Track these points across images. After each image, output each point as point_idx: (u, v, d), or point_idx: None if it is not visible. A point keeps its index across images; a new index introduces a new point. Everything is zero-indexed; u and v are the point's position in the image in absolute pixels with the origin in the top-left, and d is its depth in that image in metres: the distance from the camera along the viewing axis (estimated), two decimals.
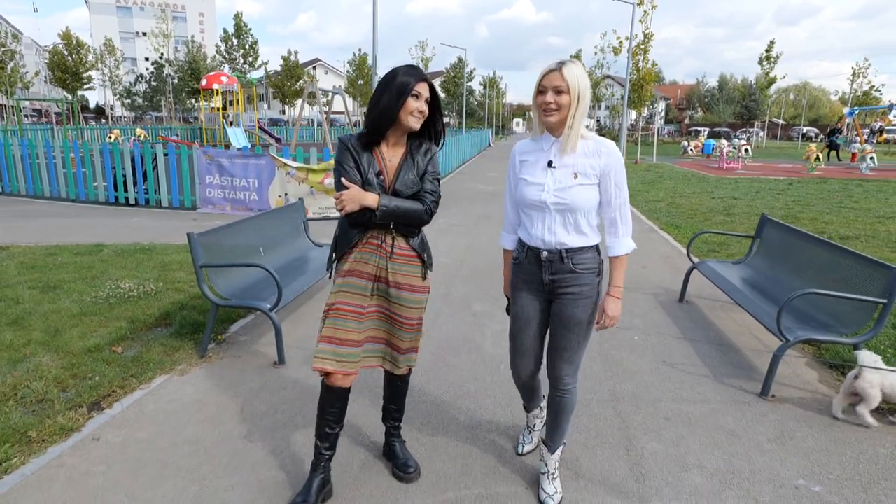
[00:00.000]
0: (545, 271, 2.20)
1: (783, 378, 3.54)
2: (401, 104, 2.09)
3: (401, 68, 2.13)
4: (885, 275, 3.15)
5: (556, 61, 2.05)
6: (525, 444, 2.69)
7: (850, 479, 2.55)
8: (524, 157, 2.24)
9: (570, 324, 2.20)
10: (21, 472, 2.52)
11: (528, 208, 2.19)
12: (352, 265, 2.24)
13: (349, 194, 2.08)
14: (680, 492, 2.44)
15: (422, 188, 2.21)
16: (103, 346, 3.85)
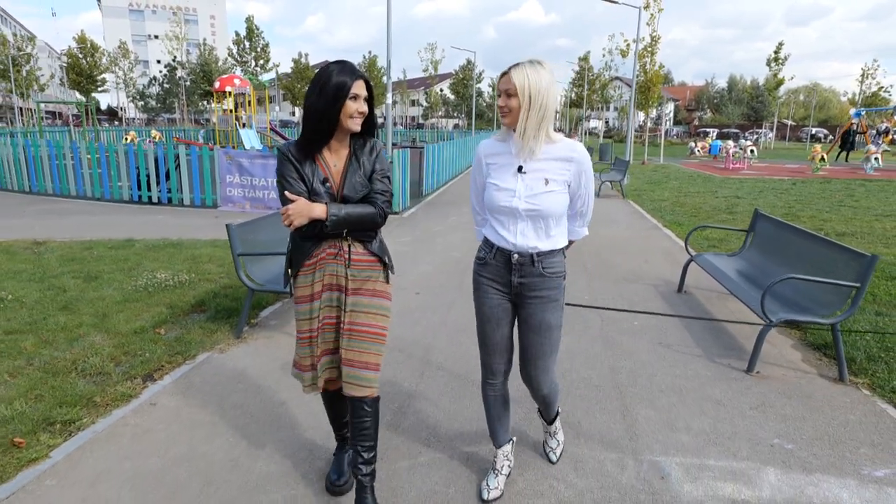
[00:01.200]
0: (514, 274, 2.15)
1: (770, 358, 3.87)
2: (339, 108, 1.98)
3: (333, 67, 1.99)
4: (859, 262, 3.47)
5: (511, 64, 2.00)
6: (490, 489, 2.37)
7: (820, 439, 2.88)
8: (491, 159, 2.15)
9: (541, 329, 2.18)
10: (92, 430, 2.90)
11: (497, 213, 2.13)
12: (300, 290, 2.17)
13: (295, 208, 1.97)
14: (668, 447, 2.78)
15: (371, 189, 2.11)
16: (147, 328, 4.24)
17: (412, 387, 3.40)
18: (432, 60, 55.35)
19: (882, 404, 3.24)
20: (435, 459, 2.67)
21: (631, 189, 13.81)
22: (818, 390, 3.41)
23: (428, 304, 4.98)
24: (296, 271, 2.16)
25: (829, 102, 78.91)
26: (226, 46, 50.94)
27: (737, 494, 2.43)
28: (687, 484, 2.50)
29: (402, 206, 10.21)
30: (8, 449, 2.69)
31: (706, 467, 2.63)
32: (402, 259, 6.56)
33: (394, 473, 2.56)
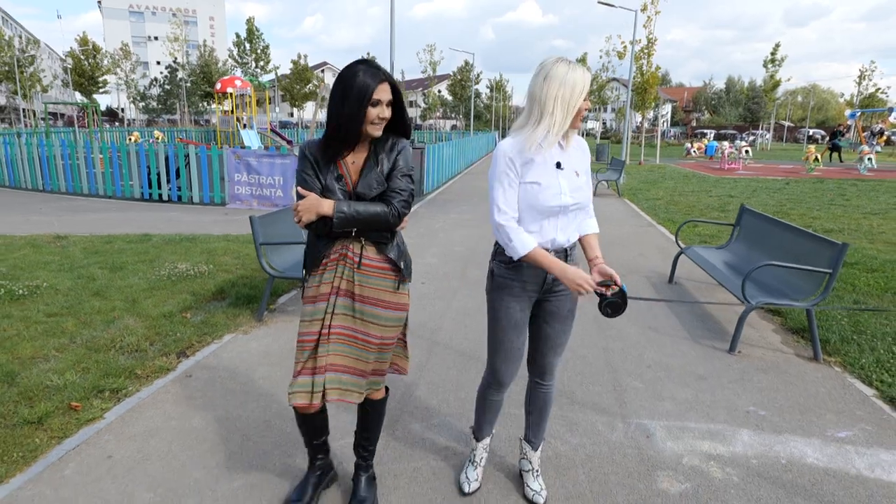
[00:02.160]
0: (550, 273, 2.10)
1: (751, 340, 4.20)
2: (362, 115, 1.90)
3: (359, 68, 1.91)
4: (832, 250, 3.80)
5: None
6: (471, 481, 2.44)
7: (791, 407, 3.21)
8: (520, 157, 2.03)
9: (567, 318, 2.24)
10: (138, 396, 3.23)
11: (541, 213, 2.06)
12: (309, 290, 2.09)
13: (305, 203, 1.92)
14: (653, 413, 3.11)
15: (388, 187, 2.00)
16: (175, 312, 4.56)
17: (423, 362, 3.73)
18: (431, 62, 55.72)
19: (851, 379, 3.57)
20: (445, 422, 2.99)
21: (627, 188, 14.15)
22: (793, 367, 3.74)
23: (434, 292, 5.31)
24: (308, 271, 2.09)
25: (827, 104, 79.37)
26: (224, 47, 51.21)
27: (712, 450, 2.76)
28: (669, 441, 2.83)
29: None
30: (67, 411, 3.01)
31: (687, 429, 2.96)
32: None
33: (409, 433, 2.89)
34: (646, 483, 2.50)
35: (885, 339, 4.09)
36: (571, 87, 1.94)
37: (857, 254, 6.66)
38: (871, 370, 3.60)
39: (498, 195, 2.05)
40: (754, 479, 2.53)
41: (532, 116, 2.01)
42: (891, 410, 3.16)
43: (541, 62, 2.04)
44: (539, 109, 1.98)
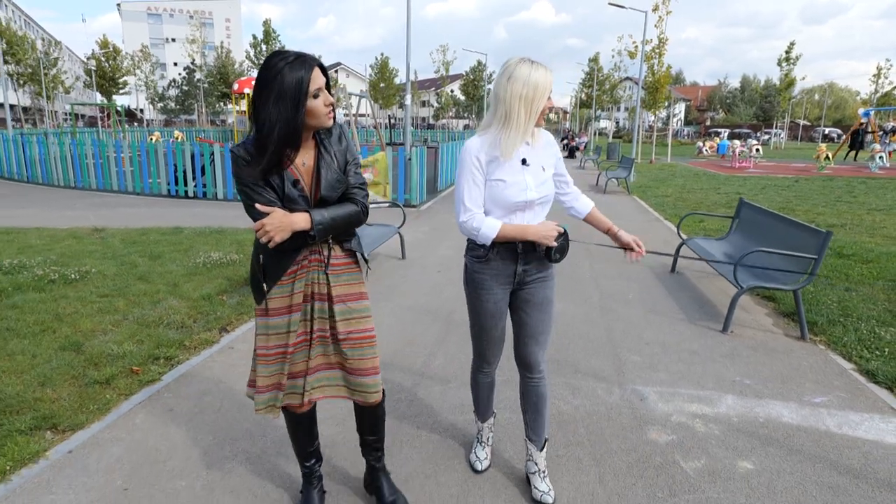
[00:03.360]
0: (519, 263, 2.19)
1: (744, 322, 4.53)
2: (303, 112, 1.73)
3: (276, 63, 1.70)
4: (817, 237, 4.12)
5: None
6: (481, 459, 2.55)
7: (774, 377, 3.54)
8: (486, 156, 2.08)
9: (543, 305, 2.27)
10: (189, 364, 3.65)
11: (506, 209, 2.11)
12: (276, 301, 1.96)
13: (273, 221, 1.73)
14: (648, 381, 3.47)
15: (348, 184, 1.91)
16: (213, 294, 4.99)
17: (441, 337, 4.12)
18: (444, 62, 56.11)
19: (833, 356, 3.89)
20: (462, 384, 3.38)
21: (636, 186, 14.42)
22: (781, 345, 4.07)
23: (448, 279, 5.69)
24: (273, 283, 1.93)
25: (844, 102, 78.47)
26: (240, 48, 51.96)
27: (699, 411, 3.11)
28: (660, 404, 3.19)
29: (419, 200, 10.94)
30: (129, 374, 3.44)
31: (677, 394, 3.31)
32: (423, 245, 7.28)
33: (431, 395, 3.27)
34: (637, 435, 2.86)
35: (868, 321, 4.40)
36: (534, 87, 1.99)
37: (855, 246, 6.94)
38: (852, 347, 3.92)
39: (464, 194, 2.09)
40: (733, 433, 2.88)
41: (497, 116, 2.07)
42: (866, 381, 3.48)
43: (505, 62, 2.10)
44: (504, 109, 2.03)
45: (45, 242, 6.99)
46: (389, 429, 2.90)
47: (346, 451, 2.71)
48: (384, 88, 53.18)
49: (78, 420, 2.94)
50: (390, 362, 3.68)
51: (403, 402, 3.18)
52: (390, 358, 3.75)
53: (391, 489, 2.28)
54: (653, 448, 2.74)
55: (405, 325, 4.38)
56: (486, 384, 2.50)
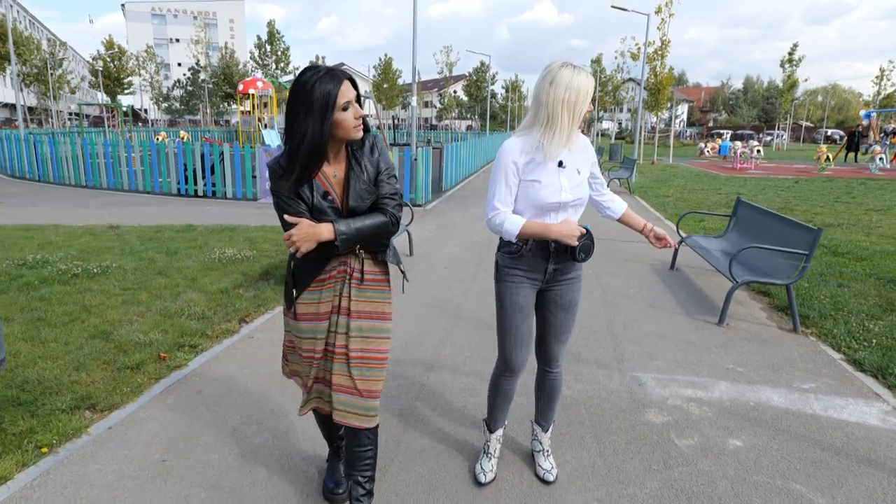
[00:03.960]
0: (551, 261, 2.23)
1: (740, 316, 4.73)
2: (328, 126, 1.76)
3: (308, 78, 1.76)
4: (809, 234, 4.32)
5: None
6: (486, 472, 2.50)
7: (766, 366, 3.75)
8: (524, 157, 2.13)
9: (570, 307, 2.35)
10: (212, 351, 3.86)
11: (540, 210, 2.15)
12: (304, 307, 1.99)
13: (300, 232, 1.80)
14: (646, 368, 3.67)
15: (378, 194, 1.93)
16: (229, 289, 5.21)
17: (450, 328, 4.33)
18: (447, 63, 56.33)
19: (823, 346, 4.09)
20: (476, 369, 3.58)
21: (638, 186, 14.62)
22: (774, 337, 4.27)
23: (455, 275, 5.90)
24: (302, 289, 1.98)
25: (848, 104, 78.53)
26: (244, 49, 52.16)
27: (693, 395, 3.32)
28: (657, 389, 3.39)
29: (424, 200, 11.16)
30: (157, 360, 3.66)
31: (673, 380, 3.51)
32: (430, 243, 7.50)
33: (442, 380, 3.48)
34: (635, 416, 3.06)
35: (859, 314, 4.60)
36: (576, 91, 2.03)
37: (851, 245, 7.13)
38: (841, 339, 4.12)
39: (495, 193, 2.16)
40: (725, 415, 3.08)
41: (538, 119, 2.10)
42: (853, 370, 3.68)
43: (547, 65, 2.10)
44: (546, 113, 2.06)
45: (63, 239, 7.21)
46: (407, 407, 3.12)
47: None
48: (388, 89, 53.42)
49: (114, 401, 3.15)
50: (403, 351, 3.89)
51: (416, 385, 3.39)
52: (403, 347, 3.96)
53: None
54: (649, 428, 2.94)
55: (416, 318, 4.59)
56: (506, 392, 2.45)
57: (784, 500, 2.38)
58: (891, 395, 3.32)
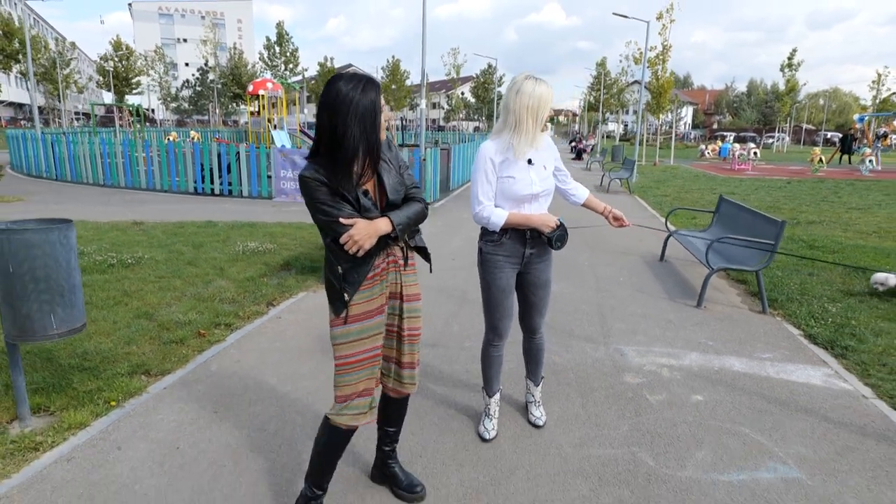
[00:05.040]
0: (528, 246, 2.62)
1: (717, 300, 5.22)
2: (378, 129, 1.90)
3: (350, 89, 1.84)
4: (776, 226, 4.82)
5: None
6: (489, 430, 2.87)
7: (733, 340, 4.25)
8: (498, 156, 2.51)
9: (545, 285, 2.73)
10: (245, 329, 4.38)
11: (516, 201, 2.52)
12: (358, 307, 2.04)
13: (359, 230, 1.89)
14: (629, 342, 4.18)
15: (407, 185, 2.10)
16: (255, 277, 5.73)
17: (456, 311, 4.85)
18: (454, 65, 56.90)
19: (786, 325, 4.59)
20: (478, 345, 4.09)
21: (638, 186, 15.11)
22: (744, 317, 4.77)
23: (462, 265, 6.42)
24: (354, 290, 2.02)
25: (848, 107, 78.69)
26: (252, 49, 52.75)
27: (667, 362, 3.82)
28: (636, 358, 3.90)
29: (433, 198, 11.67)
30: (197, 336, 4.17)
31: (651, 351, 4.02)
32: (438, 238, 8.02)
33: (450, 352, 3.99)
34: (615, 378, 3.57)
35: (821, 299, 5.09)
36: (538, 99, 2.41)
37: (826, 240, 7.63)
38: (802, 318, 4.62)
39: (478, 189, 2.54)
40: (692, 377, 3.59)
41: (507, 123, 2.49)
42: (808, 343, 4.18)
43: (513, 78, 2.51)
44: (514, 118, 2.45)
45: (92, 234, 7.74)
46: (420, 375, 3.62)
47: None
48: (395, 90, 54.00)
49: (165, 367, 3.67)
50: None
51: (429, 356, 3.90)
52: None
53: (406, 475, 2.44)
54: (627, 387, 3.45)
55: (426, 301, 4.98)
56: (495, 358, 2.84)
57: (731, 438, 2.89)
58: (835, 362, 3.82)
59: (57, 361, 3.62)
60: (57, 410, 3.03)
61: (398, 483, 2.41)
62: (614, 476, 2.58)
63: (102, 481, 2.48)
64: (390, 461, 2.45)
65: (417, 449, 2.78)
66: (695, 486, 2.51)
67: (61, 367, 3.55)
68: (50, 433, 2.80)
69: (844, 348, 4.03)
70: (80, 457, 2.65)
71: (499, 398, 2.99)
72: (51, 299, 2.57)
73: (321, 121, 1.88)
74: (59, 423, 2.90)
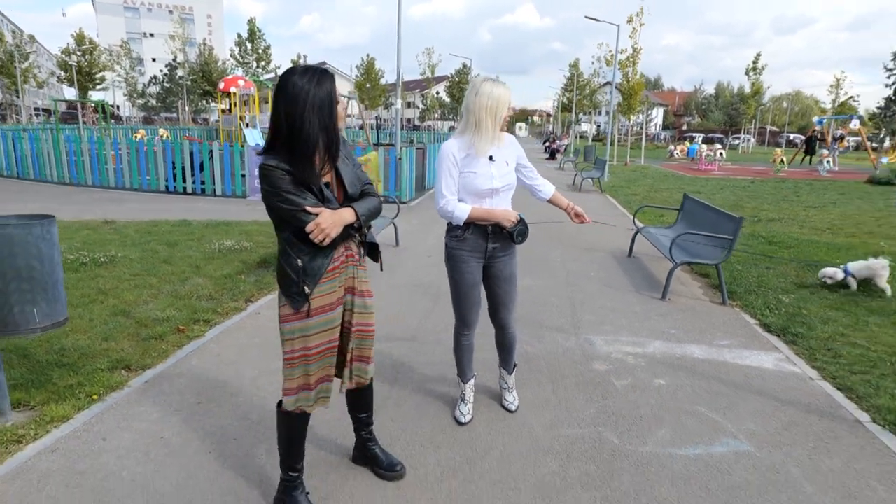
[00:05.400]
0: (490, 241, 2.73)
1: (681, 293, 5.48)
2: (336, 118, 1.94)
3: (306, 82, 1.88)
4: (735, 222, 5.09)
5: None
6: (465, 415, 3.00)
7: (694, 329, 4.49)
8: (461, 153, 2.64)
9: (511, 279, 2.84)
10: (224, 325, 4.44)
11: (477, 195, 2.64)
12: (319, 300, 2.07)
13: (325, 220, 1.92)
14: (597, 332, 4.38)
15: (363, 181, 2.17)
16: (233, 274, 5.76)
17: (432, 306, 4.98)
18: (429, 64, 56.99)
19: (744, 315, 4.86)
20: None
21: (609, 185, 15.47)
22: (705, 309, 5.03)
23: (436, 262, 6.55)
24: (314, 284, 2.04)
25: (809, 109, 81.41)
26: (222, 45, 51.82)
27: (632, 350, 4.03)
28: (604, 346, 4.10)
29: (409, 197, 11.78)
30: (176, 332, 4.21)
31: (618, 340, 4.22)
32: (413, 235, 8.14)
33: (426, 345, 4.12)
34: (584, 365, 3.76)
35: (776, 290, 5.40)
36: (496, 100, 2.56)
37: (784, 236, 8.02)
38: (758, 309, 4.90)
39: (442, 185, 2.65)
40: (655, 363, 3.80)
41: (469, 123, 2.63)
42: (762, 331, 4.45)
43: (472, 80, 2.69)
44: (475, 118, 2.60)
45: (62, 232, 7.62)
46: (398, 367, 3.75)
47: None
48: (370, 89, 53.79)
49: (145, 362, 3.72)
50: (393, 323, 4.53)
51: (405, 349, 4.03)
52: (393, 319, 4.59)
53: (386, 455, 2.53)
54: (595, 373, 3.64)
55: (403, 297, 5.23)
56: (466, 346, 2.99)
57: (688, 417, 3.10)
58: (786, 348, 4.09)
59: (34, 358, 3.64)
60: (37, 405, 3.06)
61: (379, 463, 2.50)
62: (581, 453, 2.76)
63: (89, 470, 2.55)
64: (370, 444, 2.55)
65: (396, 433, 2.91)
66: (654, 460, 2.70)
67: (39, 363, 3.57)
68: (32, 426, 2.84)
69: (795, 335, 4.30)
70: (64, 448, 2.70)
71: (473, 384, 3.12)
72: (33, 294, 2.62)
73: (277, 115, 1.89)
74: (40, 416, 2.94)
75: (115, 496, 2.37)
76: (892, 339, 4.24)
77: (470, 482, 2.52)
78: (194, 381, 3.48)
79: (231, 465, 2.62)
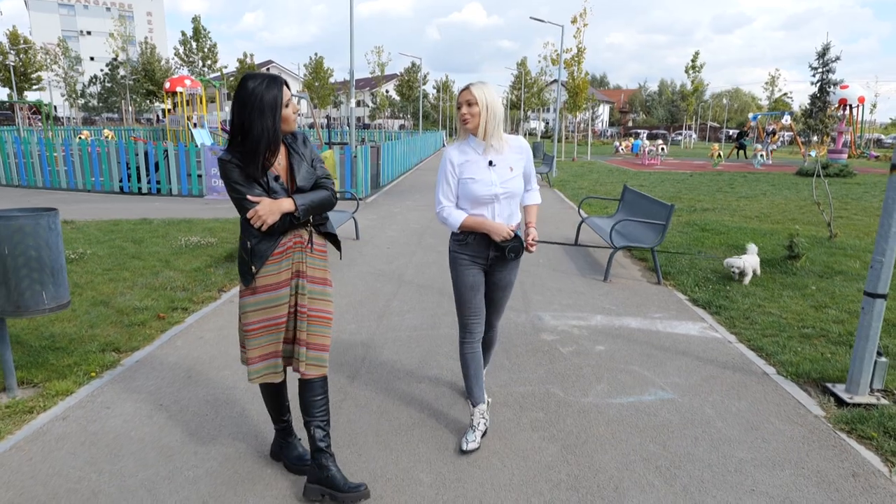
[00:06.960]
0: (491, 248, 2.68)
1: (621, 275, 6.09)
2: (279, 122, 2.14)
3: (256, 86, 2.11)
4: (666, 209, 5.73)
5: (467, 83, 2.61)
6: (469, 441, 2.74)
7: (632, 304, 5.08)
8: (461, 159, 2.61)
9: (507, 286, 2.85)
10: (202, 312, 4.72)
11: (477, 202, 2.58)
12: (265, 279, 2.24)
13: (264, 207, 2.12)
14: (546, 310, 4.90)
15: (317, 176, 2.30)
16: (202, 268, 6.00)
17: (395, 290, 5.40)
18: (379, 63, 57.01)
19: (676, 292, 5.49)
20: (416, 315, 4.66)
21: (557, 180, 16.23)
22: (642, 288, 5.65)
23: (397, 253, 6.97)
24: (261, 264, 2.22)
25: (747, 106, 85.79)
26: (164, 44, 50.29)
27: (577, 323, 4.57)
28: (552, 321, 4.62)
29: (364, 194, 12.11)
30: (157, 319, 4.48)
31: (564, 315, 4.76)
32: (372, 229, 8.51)
33: (392, 322, 4.54)
34: (534, 336, 4.27)
35: (704, 271, 6.09)
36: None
37: (716, 224, 8.83)
38: (688, 286, 5.56)
39: (439, 190, 2.67)
40: (596, 333, 4.35)
41: (463, 129, 2.63)
42: (691, 305, 5.09)
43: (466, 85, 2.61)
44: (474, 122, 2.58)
45: None
46: (369, 342, 4.16)
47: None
48: (319, 88, 53.38)
49: (133, 345, 3.99)
50: (360, 305, 4.92)
51: (374, 324, 4.44)
52: (360, 302, 4.99)
53: (342, 475, 2.35)
54: (543, 342, 4.15)
55: (367, 283, 5.62)
56: (471, 356, 2.80)
57: (624, 375, 3.64)
58: (711, 318, 4.73)
59: (27, 344, 3.86)
60: (41, 382, 3.32)
61: (335, 485, 2.32)
62: (532, 404, 3.25)
63: (100, 431, 2.85)
64: (326, 457, 2.36)
65: (380, 387, 3.32)
66: (593, 408, 3.22)
67: (33, 348, 3.80)
68: (40, 399, 3.11)
69: (719, 307, 4.95)
70: (73, 416, 2.99)
71: (484, 410, 2.84)
72: (42, 278, 2.89)
73: (233, 115, 2.16)
74: (45, 391, 3.21)
75: (129, 450, 2.70)
76: (800, 308, 4.94)
77: (435, 430, 2.96)
78: (183, 359, 3.78)
79: (228, 423, 2.97)
